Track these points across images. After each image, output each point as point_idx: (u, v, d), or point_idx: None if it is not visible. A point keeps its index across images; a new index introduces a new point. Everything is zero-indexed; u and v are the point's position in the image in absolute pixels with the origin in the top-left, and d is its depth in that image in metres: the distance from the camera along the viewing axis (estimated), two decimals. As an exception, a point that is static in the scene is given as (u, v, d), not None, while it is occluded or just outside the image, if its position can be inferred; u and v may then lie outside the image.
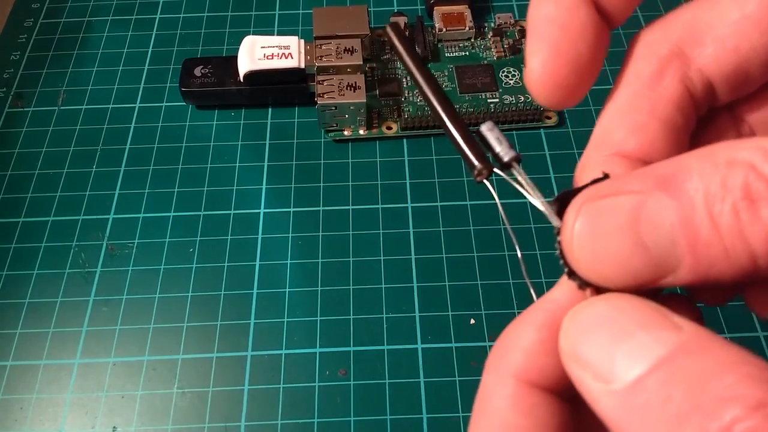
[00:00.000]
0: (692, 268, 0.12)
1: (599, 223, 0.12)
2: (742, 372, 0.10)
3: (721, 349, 0.11)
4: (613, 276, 0.12)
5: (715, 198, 0.11)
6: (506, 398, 0.13)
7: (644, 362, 0.11)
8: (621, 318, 0.12)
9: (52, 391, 0.28)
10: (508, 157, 0.16)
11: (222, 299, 0.31)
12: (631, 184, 0.12)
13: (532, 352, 0.13)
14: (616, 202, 0.12)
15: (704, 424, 0.10)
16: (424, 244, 0.32)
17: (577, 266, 0.13)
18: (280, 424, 0.27)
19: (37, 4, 0.43)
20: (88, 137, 0.36)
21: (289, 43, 0.35)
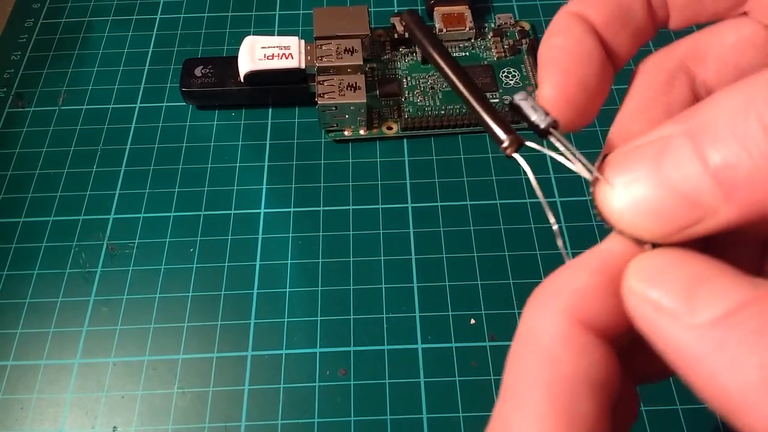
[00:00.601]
0: (728, 198, 0.11)
1: (626, 173, 0.12)
2: None
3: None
4: (649, 224, 0.12)
5: (737, 117, 0.11)
6: (557, 336, 0.12)
7: (728, 302, 0.11)
8: (698, 264, 0.12)
9: (53, 391, 0.28)
10: (545, 123, 0.15)
11: (222, 299, 0.31)
12: (654, 132, 0.12)
13: (587, 293, 0.12)
14: (640, 150, 0.12)
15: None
16: (424, 244, 0.32)
17: (610, 219, 0.13)
18: (280, 424, 0.27)
19: (38, 4, 0.43)
20: (88, 137, 0.36)
21: (289, 44, 0.35)
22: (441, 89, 0.37)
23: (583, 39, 0.15)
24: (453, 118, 0.35)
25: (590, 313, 0.12)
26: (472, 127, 0.36)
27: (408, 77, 0.37)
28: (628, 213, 0.12)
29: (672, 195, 0.12)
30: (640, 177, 0.12)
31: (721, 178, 0.11)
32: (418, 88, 0.37)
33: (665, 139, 0.12)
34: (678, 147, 0.11)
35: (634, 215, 0.12)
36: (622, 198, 0.12)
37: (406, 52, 0.39)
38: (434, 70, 0.38)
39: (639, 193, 0.12)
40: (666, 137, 0.12)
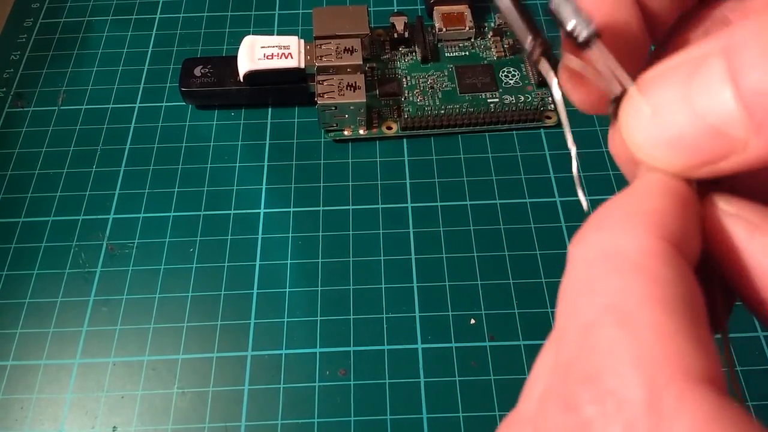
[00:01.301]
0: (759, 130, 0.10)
1: (650, 97, 0.11)
2: None
3: None
4: (668, 155, 0.11)
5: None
6: (655, 255, 0.10)
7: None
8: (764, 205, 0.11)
9: (52, 391, 0.28)
10: (586, 32, 0.13)
11: (222, 299, 0.31)
12: (686, 54, 0.11)
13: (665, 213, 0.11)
14: (669, 73, 0.11)
15: None
16: (424, 244, 0.32)
17: (632, 148, 0.12)
18: (280, 424, 0.27)
19: (37, 4, 0.43)
20: (88, 137, 0.36)
21: (289, 43, 0.35)
22: (441, 89, 0.37)
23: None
24: (453, 118, 0.35)
25: (674, 234, 0.11)
26: (472, 127, 0.36)
27: (408, 77, 0.37)
28: (648, 142, 0.11)
29: (698, 124, 0.10)
30: (667, 103, 0.11)
31: (752, 108, 0.10)
32: (418, 88, 0.37)
33: (699, 59, 0.11)
34: (709, 70, 0.10)
35: (655, 145, 0.11)
36: (645, 126, 0.11)
37: (405, 52, 0.39)
38: (434, 70, 0.38)
39: (663, 121, 0.11)
40: (701, 57, 0.11)
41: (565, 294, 0.11)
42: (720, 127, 0.10)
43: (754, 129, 0.10)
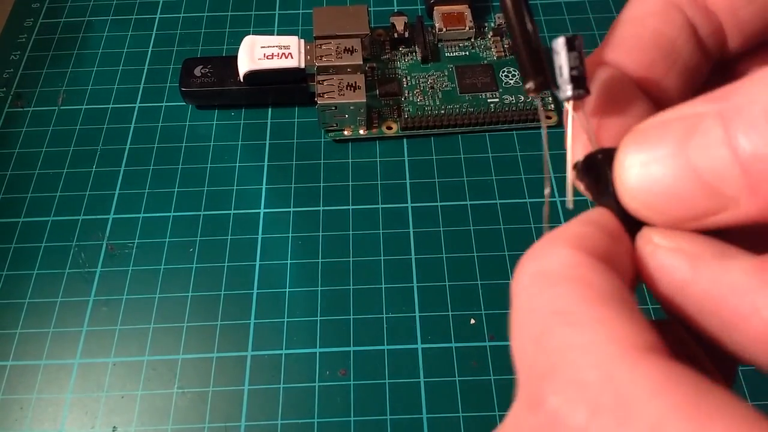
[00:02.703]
0: (752, 192, 0.10)
1: (648, 149, 0.12)
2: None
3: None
4: (662, 208, 0.12)
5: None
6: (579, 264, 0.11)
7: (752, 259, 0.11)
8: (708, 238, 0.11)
9: (52, 391, 0.28)
10: (564, 95, 0.13)
11: (222, 299, 0.31)
12: (686, 108, 0.11)
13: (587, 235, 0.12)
14: (668, 127, 0.11)
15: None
16: (424, 244, 0.32)
17: (624, 197, 0.12)
18: (280, 424, 0.27)
19: (37, 4, 0.43)
20: (88, 137, 0.36)
21: (289, 43, 0.35)
22: (441, 89, 0.37)
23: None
24: (453, 118, 0.35)
25: (595, 249, 0.12)
26: (472, 127, 0.36)
27: (408, 77, 0.37)
28: (644, 192, 0.12)
29: (694, 180, 0.11)
30: (665, 156, 0.11)
31: (749, 169, 0.10)
32: (418, 88, 0.37)
33: (695, 117, 0.11)
34: (708, 129, 0.11)
35: (650, 196, 0.12)
36: (641, 176, 0.12)
37: (405, 52, 0.39)
38: (434, 70, 0.38)
39: (660, 174, 0.11)
40: (697, 115, 0.11)
41: (514, 323, 0.12)
42: (715, 185, 0.11)
43: (748, 189, 0.10)
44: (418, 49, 0.38)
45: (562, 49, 0.13)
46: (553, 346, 0.11)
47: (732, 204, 0.11)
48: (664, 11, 0.14)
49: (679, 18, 0.14)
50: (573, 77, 0.13)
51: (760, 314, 0.10)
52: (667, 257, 0.12)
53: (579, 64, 0.13)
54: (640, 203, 0.12)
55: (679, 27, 0.14)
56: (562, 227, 0.12)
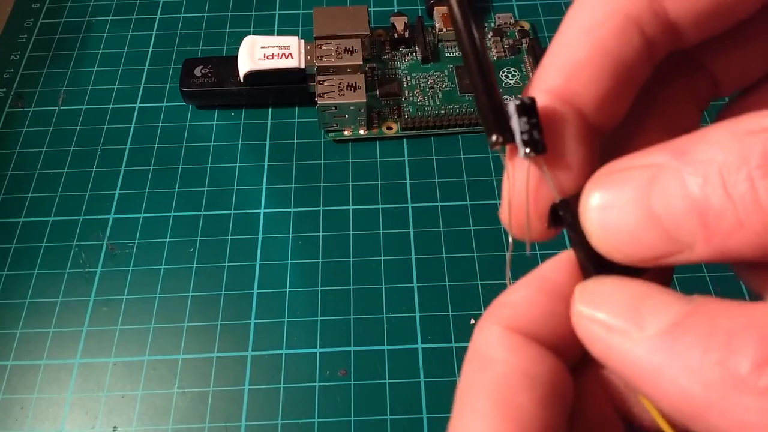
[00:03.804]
0: (706, 240, 0.11)
1: (612, 196, 0.12)
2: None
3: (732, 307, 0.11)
4: (626, 249, 0.12)
5: (730, 167, 0.11)
6: (492, 342, 0.13)
7: (671, 314, 0.11)
8: (636, 286, 0.12)
9: (53, 391, 0.28)
10: (521, 153, 0.14)
11: (222, 299, 0.31)
12: (646, 157, 0.12)
13: (517, 305, 0.14)
14: (630, 174, 0.12)
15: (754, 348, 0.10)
16: (424, 244, 0.32)
17: (590, 238, 0.13)
18: (281, 424, 0.27)
19: (38, 4, 0.43)
20: (88, 137, 0.36)
21: (289, 43, 0.35)
22: (441, 89, 0.37)
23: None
24: (453, 118, 0.35)
25: (522, 321, 0.13)
26: (472, 127, 0.36)
27: (408, 77, 0.37)
28: (609, 234, 0.13)
29: (655, 226, 0.12)
30: (629, 202, 0.12)
31: (704, 221, 0.11)
32: (418, 88, 0.37)
33: (656, 167, 0.12)
34: (669, 181, 0.11)
35: (614, 236, 0.13)
36: (606, 219, 0.13)
37: (405, 52, 0.39)
38: (434, 70, 0.38)
39: (624, 218, 0.12)
40: (658, 165, 0.12)
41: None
42: (673, 232, 0.12)
43: (703, 238, 0.11)
44: (418, 50, 0.38)
45: (514, 114, 0.13)
46: (453, 421, 0.13)
47: (687, 248, 0.12)
48: (621, 30, 0.13)
49: (637, 40, 0.13)
50: (527, 141, 0.13)
51: (667, 391, 0.11)
52: (587, 328, 0.13)
53: (532, 127, 0.13)
54: (606, 245, 0.13)
55: (637, 51, 0.14)
56: (507, 292, 0.14)
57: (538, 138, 0.13)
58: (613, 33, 0.13)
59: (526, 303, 0.14)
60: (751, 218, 0.11)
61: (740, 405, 0.10)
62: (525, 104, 0.13)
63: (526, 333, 0.13)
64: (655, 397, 0.11)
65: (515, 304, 0.14)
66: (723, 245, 0.11)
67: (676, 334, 0.11)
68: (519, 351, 0.13)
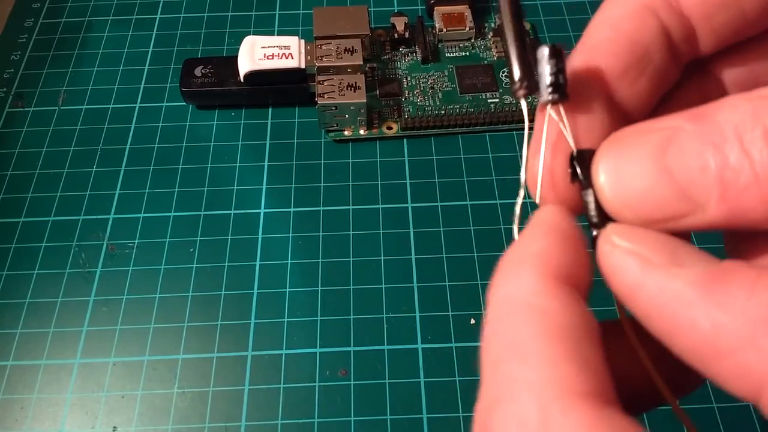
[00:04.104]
0: (721, 199, 0.11)
1: (627, 153, 0.13)
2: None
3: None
4: (638, 207, 0.12)
5: (746, 126, 0.11)
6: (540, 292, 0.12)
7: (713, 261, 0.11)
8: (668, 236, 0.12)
9: (53, 391, 0.28)
10: (544, 99, 0.14)
11: (222, 299, 0.31)
12: (663, 122, 0.12)
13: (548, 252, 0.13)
14: (646, 136, 0.12)
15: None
16: (424, 244, 0.32)
17: (602, 198, 0.13)
18: (281, 424, 0.27)
19: (38, 4, 0.43)
20: (88, 137, 0.36)
21: (289, 43, 0.35)
22: (441, 89, 0.37)
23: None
24: (453, 118, 0.35)
25: (560, 269, 0.13)
26: (472, 127, 0.36)
27: (408, 77, 0.37)
28: (622, 192, 0.13)
29: (669, 184, 0.12)
30: (644, 159, 0.12)
31: (722, 176, 0.11)
32: (418, 88, 0.37)
33: (674, 129, 0.12)
34: (686, 140, 0.12)
35: (626, 195, 0.12)
36: (621, 176, 0.13)
37: (406, 52, 0.39)
38: (434, 70, 0.38)
39: (638, 175, 0.12)
40: (675, 128, 0.12)
41: (482, 346, 0.13)
42: (687, 190, 0.12)
43: (717, 197, 0.11)
44: (418, 50, 0.38)
45: (544, 57, 0.14)
46: (503, 378, 0.11)
47: (699, 209, 0.12)
48: (639, 16, 0.14)
49: (653, 24, 0.14)
50: (552, 83, 0.14)
51: (696, 327, 0.11)
52: (621, 258, 0.12)
53: (559, 71, 0.14)
54: (618, 201, 0.13)
55: (653, 33, 0.14)
56: (527, 241, 0.13)
57: (563, 83, 0.14)
58: (628, 15, 0.14)
59: (557, 251, 0.13)
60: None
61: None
62: (555, 49, 0.14)
63: (566, 282, 0.12)
64: (682, 335, 0.11)
65: (547, 252, 0.13)
66: (737, 204, 0.11)
67: (720, 275, 0.11)
68: (572, 303, 0.12)
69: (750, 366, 0.10)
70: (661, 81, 0.15)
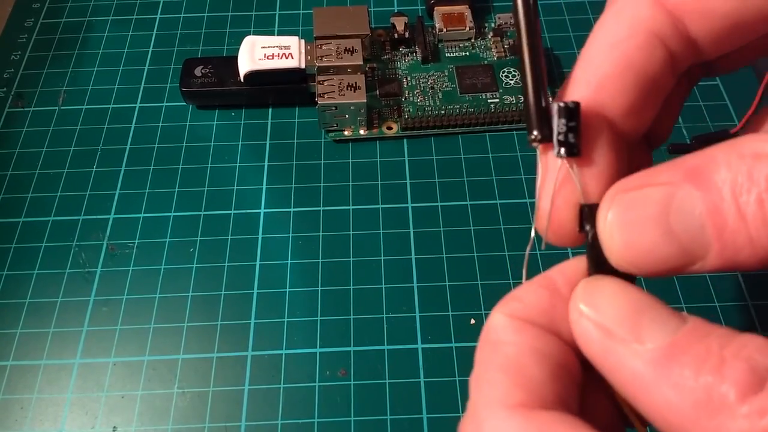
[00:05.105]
0: (720, 254, 0.12)
1: (631, 213, 0.13)
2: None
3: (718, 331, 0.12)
4: (643, 263, 0.13)
5: (741, 188, 0.12)
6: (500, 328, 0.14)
7: (667, 332, 0.12)
8: (637, 295, 0.13)
9: (53, 391, 0.28)
10: (556, 151, 0.14)
11: (222, 299, 0.31)
12: (661, 176, 0.13)
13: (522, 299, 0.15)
14: (646, 193, 0.13)
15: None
16: (424, 244, 0.32)
17: (609, 254, 0.14)
18: (280, 424, 0.27)
19: (38, 4, 0.43)
20: (88, 137, 0.36)
21: (289, 43, 0.35)
22: (441, 89, 0.37)
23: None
24: (453, 118, 0.35)
25: (528, 313, 0.14)
26: (472, 127, 0.36)
27: (408, 77, 0.37)
28: (627, 250, 0.13)
29: (673, 243, 0.13)
30: (648, 221, 0.13)
31: (721, 236, 0.12)
32: (418, 88, 0.37)
33: (671, 186, 0.13)
34: (686, 200, 0.12)
35: (632, 252, 0.13)
36: (625, 236, 0.13)
37: (406, 52, 0.39)
38: (434, 70, 0.38)
39: (643, 235, 0.13)
40: (672, 184, 0.13)
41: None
42: (689, 247, 0.13)
43: (717, 252, 0.12)
44: (418, 50, 0.38)
45: (555, 115, 0.14)
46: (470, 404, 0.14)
47: (699, 261, 0.13)
48: (647, 47, 0.14)
49: (662, 55, 0.14)
50: (563, 142, 0.14)
51: (653, 402, 0.12)
52: (587, 328, 0.13)
53: (571, 130, 0.14)
54: (624, 259, 0.13)
55: (662, 66, 0.14)
56: (515, 289, 0.15)
57: (574, 141, 0.14)
58: (638, 47, 0.14)
59: (531, 297, 0.15)
60: (761, 235, 0.12)
61: (723, 426, 0.11)
62: (568, 108, 0.14)
63: (532, 322, 0.14)
64: (643, 405, 0.12)
65: (521, 298, 0.15)
66: (733, 258, 0.12)
67: (673, 353, 0.12)
68: (526, 332, 0.14)
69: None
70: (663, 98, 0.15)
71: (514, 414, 0.13)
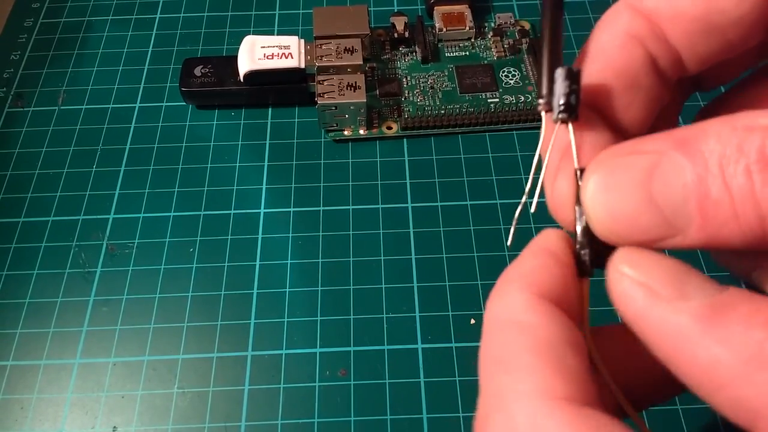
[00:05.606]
0: (701, 227, 0.12)
1: (614, 177, 0.13)
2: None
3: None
4: (622, 231, 0.13)
5: (729, 160, 0.11)
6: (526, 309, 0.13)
7: (713, 292, 0.12)
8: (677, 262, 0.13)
9: (53, 391, 0.28)
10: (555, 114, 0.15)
11: (222, 299, 0.31)
12: (649, 144, 0.13)
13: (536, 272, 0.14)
14: (632, 159, 0.13)
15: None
16: (424, 244, 0.32)
17: (591, 220, 0.14)
18: (280, 424, 0.27)
19: (37, 4, 0.43)
20: (88, 137, 0.36)
21: (289, 43, 0.35)
22: (441, 89, 0.37)
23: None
24: (453, 118, 0.35)
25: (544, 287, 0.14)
26: (472, 127, 0.36)
27: (408, 77, 0.37)
28: (607, 215, 0.13)
29: (653, 211, 0.12)
30: (629, 186, 0.13)
31: (703, 208, 0.12)
32: (418, 88, 0.37)
33: (658, 154, 0.12)
34: (670, 168, 0.12)
35: (612, 219, 0.13)
36: (606, 201, 0.13)
37: (406, 52, 0.39)
38: (434, 70, 0.38)
39: (624, 201, 0.13)
40: (659, 152, 0.12)
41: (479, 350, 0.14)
42: (670, 217, 0.12)
43: (698, 225, 0.12)
44: (418, 49, 0.38)
45: (560, 77, 0.15)
46: (494, 390, 0.13)
47: (680, 234, 0.12)
48: (626, 46, 0.15)
49: (640, 53, 0.15)
50: (564, 104, 0.14)
51: (697, 360, 0.11)
52: (629, 288, 0.13)
53: (572, 92, 0.14)
54: (604, 226, 0.13)
55: (640, 61, 0.15)
56: (519, 262, 0.14)
57: (574, 104, 0.14)
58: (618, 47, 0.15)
59: (543, 271, 0.14)
60: (746, 210, 0.11)
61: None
62: (572, 72, 0.15)
63: (549, 299, 0.13)
64: (685, 364, 0.12)
65: (534, 272, 0.14)
66: (716, 233, 0.12)
67: (721, 309, 0.11)
68: (554, 315, 0.13)
69: (745, 398, 0.11)
70: (653, 102, 0.15)
71: (559, 410, 0.12)
